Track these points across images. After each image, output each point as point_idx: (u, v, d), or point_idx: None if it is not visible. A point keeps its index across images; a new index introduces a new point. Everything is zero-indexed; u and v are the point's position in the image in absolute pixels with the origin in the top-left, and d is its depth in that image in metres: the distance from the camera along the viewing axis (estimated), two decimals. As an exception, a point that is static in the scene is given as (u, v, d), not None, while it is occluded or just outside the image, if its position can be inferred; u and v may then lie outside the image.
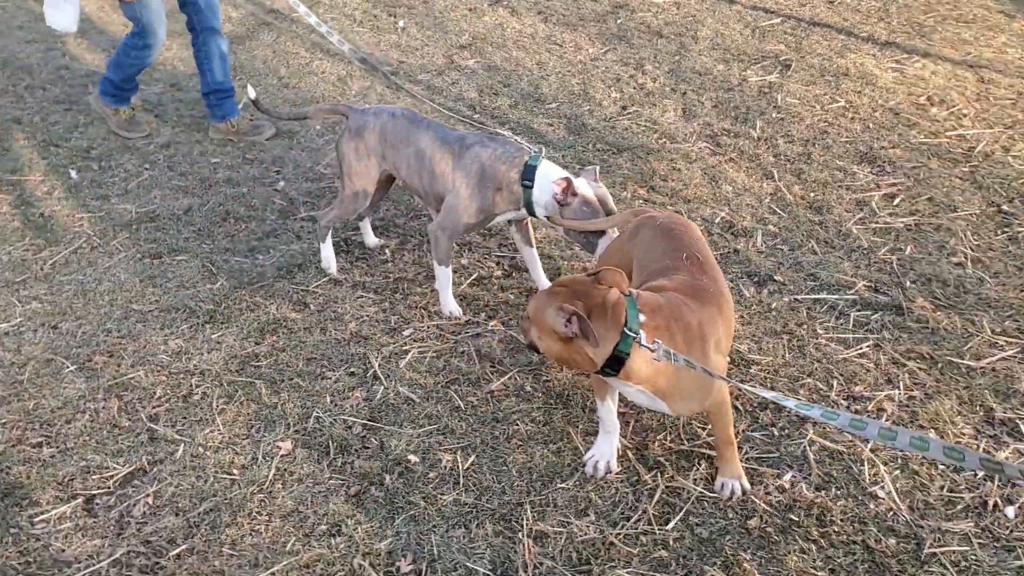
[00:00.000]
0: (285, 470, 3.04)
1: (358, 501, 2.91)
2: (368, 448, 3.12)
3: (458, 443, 3.14)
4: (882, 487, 2.94)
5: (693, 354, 2.60)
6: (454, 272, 4.05)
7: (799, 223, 4.39)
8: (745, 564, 2.68)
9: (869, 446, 3.08)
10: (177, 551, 2.76)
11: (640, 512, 2.87)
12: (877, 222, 4.40)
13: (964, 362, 3.47)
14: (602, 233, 3.43)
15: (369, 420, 3.24)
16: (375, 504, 2.90)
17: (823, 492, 2.92)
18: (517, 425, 3.21)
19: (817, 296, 3.85)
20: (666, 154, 4.98)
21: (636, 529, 2.81)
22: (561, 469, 3.03)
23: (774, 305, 3.79)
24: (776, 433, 3.14)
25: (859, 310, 3.77)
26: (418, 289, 3.95)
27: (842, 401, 3.28)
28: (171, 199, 4.77)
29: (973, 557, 2.70)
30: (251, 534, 2.81)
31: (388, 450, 3.10)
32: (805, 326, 3.68)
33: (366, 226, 4.28)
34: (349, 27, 6.90)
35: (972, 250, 4.17)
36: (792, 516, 2.84)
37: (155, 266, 4.19)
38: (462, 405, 3.30)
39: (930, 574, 2.65)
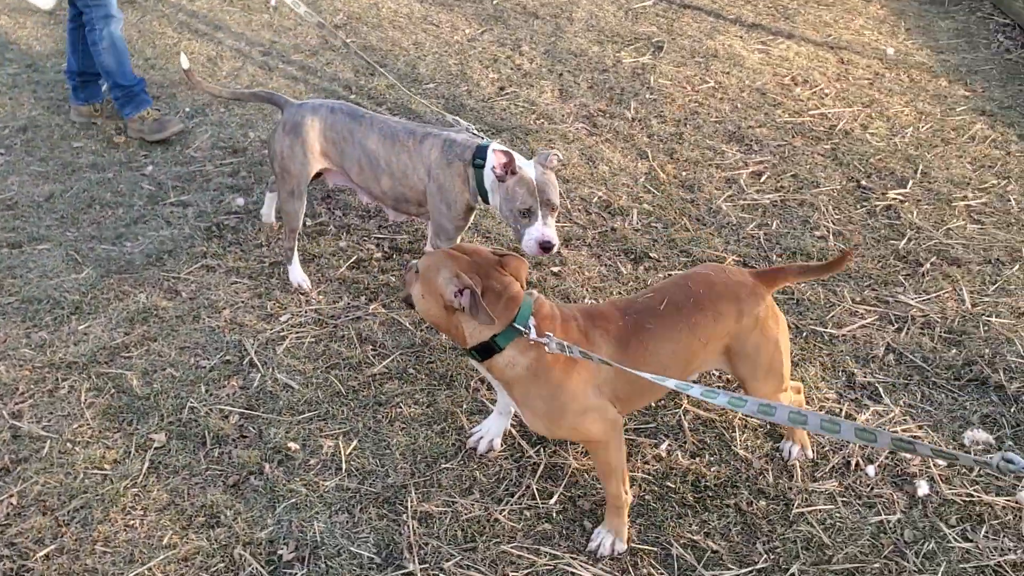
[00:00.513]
0: (159, 463, 2.94)
1: (237, 491, 2.85)
2: (246, 437, 3.05)
3: (340, 428, 3.10)
4: (753, 452, 3.06)
5: (557, 379, 2.47)
6: (332, 255, 3.99)
7: (672, 201, 4.51)
8: (630, 529, 2.75)
9: (741, 412, 3.20)
10: (45, 551, 2.64)
11: (524, 488, 2.91)
12: (745, 199, 4.56)
13: (827, 330, 3.65)
14: (530, 219, 3.12)
15: (246, 409, 3.16)
16: (255, 493, 2.84)
17: (697, 459, 3.03)
18: (400, 408, 3.19)
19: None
20: (544, 134, 5.03)
21: (520, 504, 2.85)
22: (445, 450, 3.03)
23: (650, 281, 3.89)
24: (653, 404, 3.23)
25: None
26: (296, 274, 3.87)
27: (714, 371, 3.40)
28: (30, 185, 4.52)
29: (838, 515, 2.85)
30: (125, 529, 2.72)
31: (267, 438, 3.04)
32: (679, 300, 3.78)
33: (270, 201, 4.13)
34: (220, 7, 6.67)
35: (833, 224, 4.38)
36: (668, 483, 2.93)
37: (14, 256, 3.96)
38: (343, 390, 3.27)
39: (798, 533, 2.78)
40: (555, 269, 3.96)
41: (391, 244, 4.11)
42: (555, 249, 3.13)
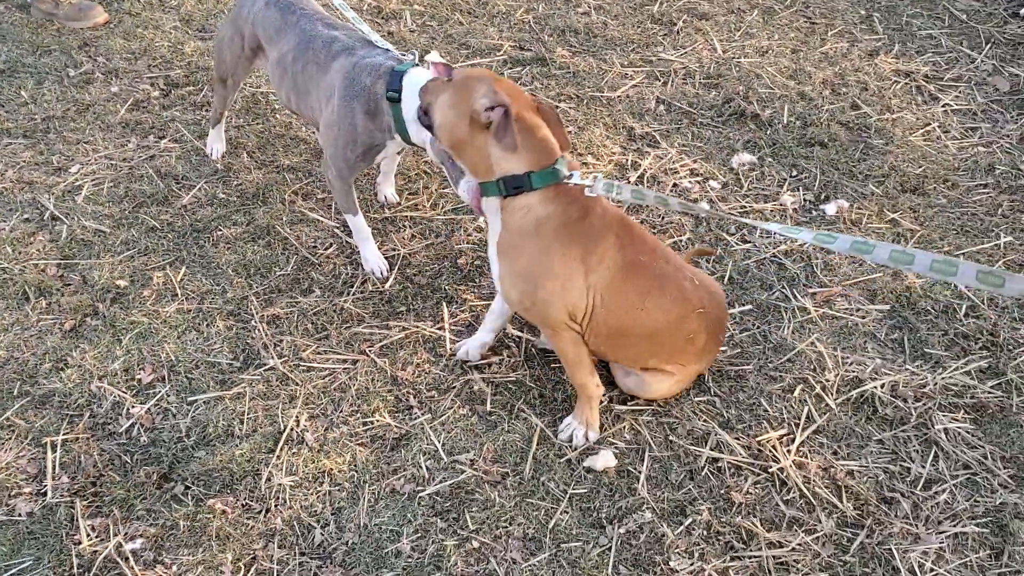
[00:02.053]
0: (-17, 327, 2.86)
1: (76, 334, 2.83)
2: (70, 285, 3.00)
3: (164, 260, 3.10)
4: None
5: (557, 249, 2.30)
6: (107, 101, 3.81)
7: (439, 1, 4.58)
8: (464, 294, 3.00)
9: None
10: None
11: (360, 280, 3.07)
12: (509, -12, 4.70)
13: (604, 95, 3.95)
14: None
15: (62, 259, 3.09)
16: (95, 333, 2.84)
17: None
18: (220, 231, 3.22)
19: (473, 61, 4.12)
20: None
21: (362, 293, 3.02)
22: (276, 259, 3.12)
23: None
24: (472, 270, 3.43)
25: (510, 67, 4.11)
26: (72, 124, 3.68)
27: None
28: None
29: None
30: (-34, 395, 2.66)
31: (92, 282, 3.00)
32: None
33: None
34: None
35: (593, 0, 4.63)
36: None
37: None
38: (157, 224, 3.24)
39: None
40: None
41: (167, 81, 3.97)
42: None
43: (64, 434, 2.54)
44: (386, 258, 3.11)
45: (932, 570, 2.27)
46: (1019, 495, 2.43)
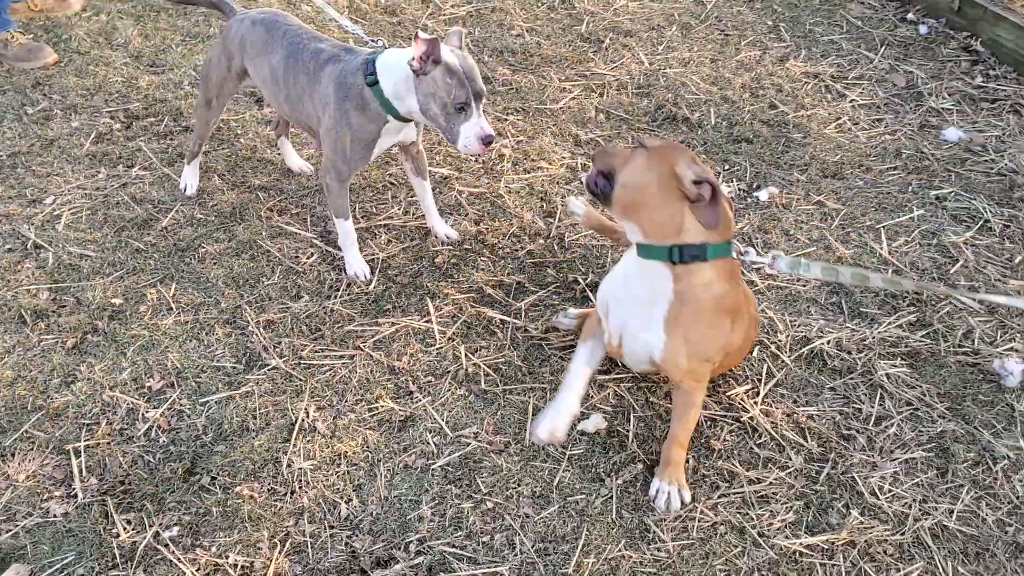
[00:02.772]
0: (-16, 351, 2.95)
1: (80, 350, 2.95)
2: (65, 306, 3.11)
3: (154, 277, 3.24)
4: (522, 210, 3.63)
5: (723, 319, 2.40)
6: (70, 136, 3.93)
7: (380, 26, 4.83)
8: (446, 289, 3.23)
9: (501, 187, 3.75)
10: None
11: (345, 283, 3.27)
12: (445, 15, 4.99)
13: (547, 107, 4.26)
14: (465, 114, 2.73)
15: (52, 284, 3.20)
16: (99, 348, 2.96)
17: (480, 224, 3.54)
18: (204, 248, 3.38)
19: (420, 82, 4.37)
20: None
21: (348, 295, 3.22)
22: (262, 271, 3.29)
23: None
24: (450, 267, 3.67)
25: (456, 86, 4.38)
26: (39, 159, 3.79)
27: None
28: None
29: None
30: (-21, 414, 2.76)
31: (87, 302, 3.12)
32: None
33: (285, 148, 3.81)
34: None
35: (525, 22, 4.95)
36: (466, 247, 3.43)
37: None
38: (141, 246, 3.37)
39: (572, 256, 3.41)
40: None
41: (127, 113, 4.10)
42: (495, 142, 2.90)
43: (85, 441, 2.66)
44: (367, 261, 3.32)
45: (890, 491, 2.59)
46: (955, 423, 2.78)
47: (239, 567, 2.37)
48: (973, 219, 3.63)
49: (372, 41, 3.04)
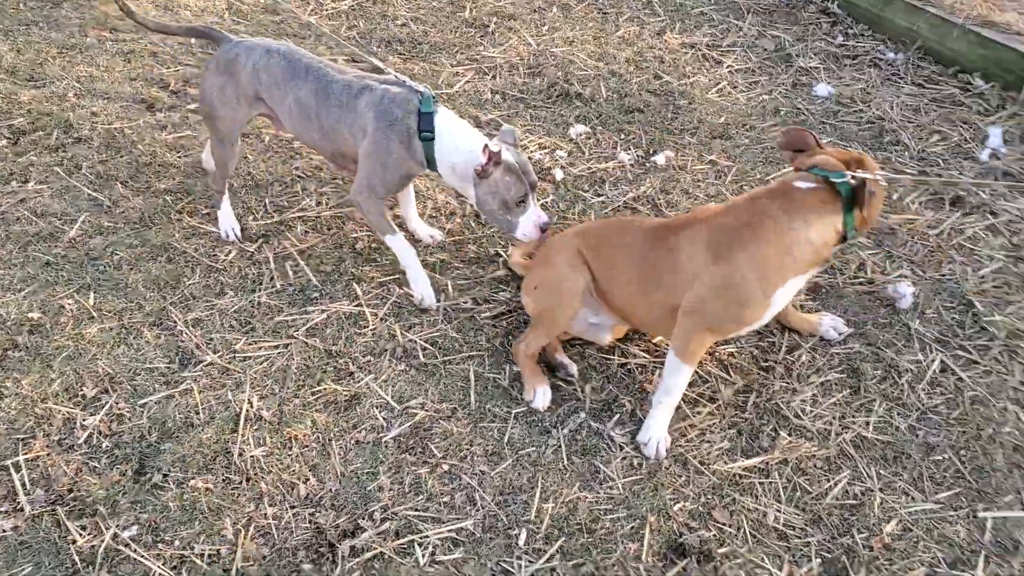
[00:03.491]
0: (-102, 377, 2.83)
1: (3, 367, 2.87)
2: (-21, 326, 3.02)
3: (70, 289, 3.17)
4: (435, 192, 3.71)
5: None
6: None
7: (262, 24, 4.81)
8: (371, 273, 3.28)
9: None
10: None
11: (268, 276, 3.28)
12: (327, 11, 5.01)
13: (443, 91, 4.34)
14: (523, 208, 2.89)
15: (-39, 304, 3.09)
16: (22, 363, 2.89)
17: (395, 210, 3.61)
18: (117, 255, 3.32)
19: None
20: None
21: (272, 288, 3.23)
22: (181, 272, 3.26)
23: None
24: (371, 251, 3.71)
25: (351, 78, 4.42)
26: (-75, 181, 3.63)
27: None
28: None
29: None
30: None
31: (2, 320, 3.03)
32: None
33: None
34: None
35: (408, 12, 5.02)
36: (384, 229, 3.49)
37: None
38: (51, 259, 3.29)
39: (491, 231, 3.52)
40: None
41: (11, 129, 3.96)
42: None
43: (23, 455, 2.60)
44: (282, 256, 3.34)
45: (811, 411, 2.81)
46: (860, 345, 3.03)
47: (206, 556, 2.38)
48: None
49: (418, 86, 3.02)
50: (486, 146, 2.78)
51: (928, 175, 3.83)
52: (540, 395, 2.80)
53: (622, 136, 4.11)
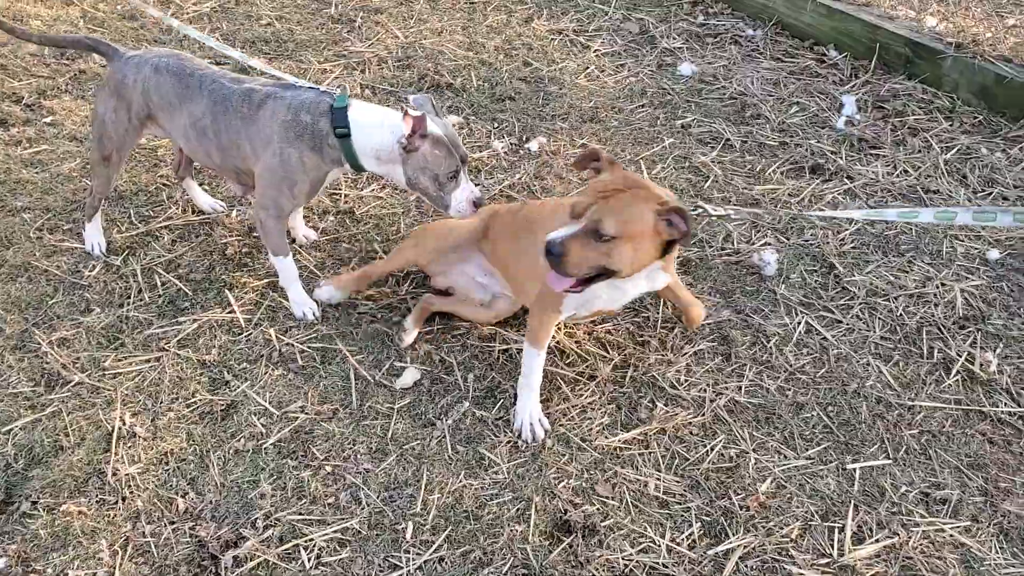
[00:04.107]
0: None
1: None
2: None
3: (-80, 317, 3.02)
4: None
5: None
6: None
7: (120, 32, 4.66)
8: (243, 279, 3.22)
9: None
10: None
11: (135, 290, 3.18)
12: (188, 12, 4.87)
13: (311, 90, 4.27)
14: (455, 183, 2.79)
15: None
16: None
17: (267, 209, 3.54)
18: (-29, 279, 3.17)
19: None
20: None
21: (141, 300, 3.13)
22: (43, 291, 3.14)
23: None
24: (242, 256, 3.62)
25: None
26: None
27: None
28: None
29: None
30: None
31: None
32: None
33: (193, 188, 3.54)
34: None
35: (272, 11, 4.94)
36: (255, 236, 3.43)
37: None
38: (-102, 288, 3.12)
39: (365, 227, 3.49)
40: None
41: None
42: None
43: None
44: (150, 267, 3.25)
45: (686, 381, 2.89)
46: (730, 313, 3.13)
47: (82, 582, 2.30)
48: (716, 140, 4.04)
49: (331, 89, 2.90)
50: (406, 112, 2.65)
51: (788, 145, 3.98)
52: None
53: (495, 125, 4.13)
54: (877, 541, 2.45)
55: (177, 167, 3.46)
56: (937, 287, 3.23)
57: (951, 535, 2.46)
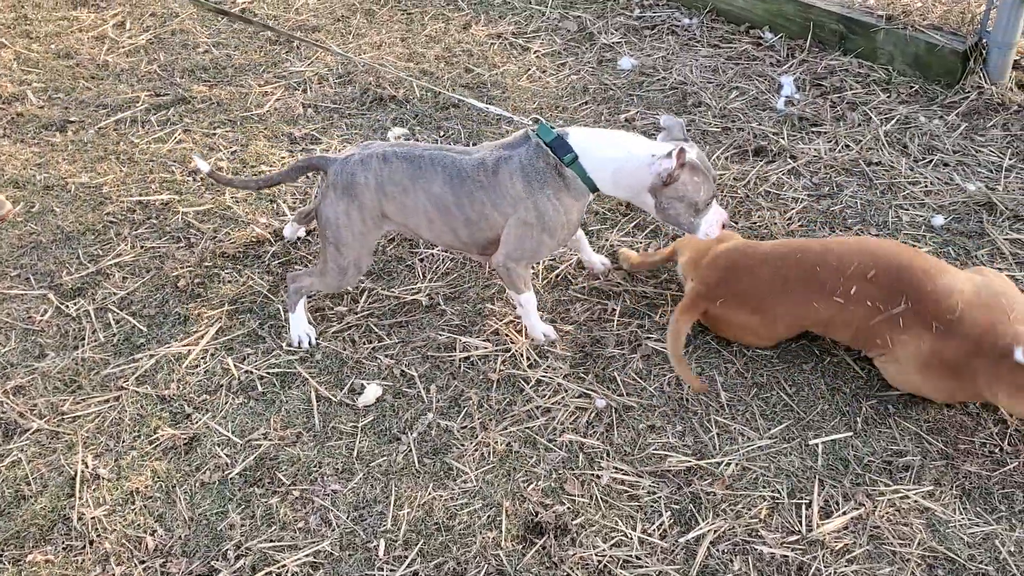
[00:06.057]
0: None
1: None
2: None
3: None
4: (255, 215, 3.64)
5: None
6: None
7: (58, 73, 4.60)
8: (197, 310, 3.20)
9: (227, 198, 3.72)
10: None
11: (90, 332, 3.15)
12: (124, 47, 4.83)
13: (253, 113, 4.26)
14: (708, 208, 2.70)
15: None
16: None
17: (216, 239, 3.52)
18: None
19: (116, 118, 4.23)
20: None
21: (95, 340, 3.10)
22: (-7, 340, 3.11)
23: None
24: (194, 287, 3.59)
25: (156, 113, 4.28)
26: None
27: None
28: None
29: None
30: None
31: None
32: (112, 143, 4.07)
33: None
34: None
35: (209, 38, 4.90)
36: (206, 264, 3.40)
37: None
38: None
39: (318, 249, 3.48)
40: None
41: None
42: None
43: None
44: (103, 306, 3.22)
45: (645, 371, 2.91)
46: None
47: (53, 631, 2.27)
48: (660, 131, 4.06)
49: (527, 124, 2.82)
50: (681, 150, 2.54)
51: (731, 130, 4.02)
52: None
53: (441, 133, 4.13)
54: (844, 513, 2.48)
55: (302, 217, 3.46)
56: (886, 258, 3.28)
57: (916, 501, 2.50)
